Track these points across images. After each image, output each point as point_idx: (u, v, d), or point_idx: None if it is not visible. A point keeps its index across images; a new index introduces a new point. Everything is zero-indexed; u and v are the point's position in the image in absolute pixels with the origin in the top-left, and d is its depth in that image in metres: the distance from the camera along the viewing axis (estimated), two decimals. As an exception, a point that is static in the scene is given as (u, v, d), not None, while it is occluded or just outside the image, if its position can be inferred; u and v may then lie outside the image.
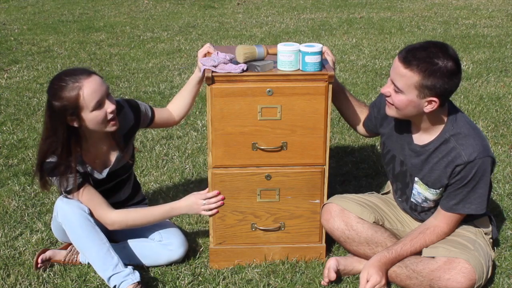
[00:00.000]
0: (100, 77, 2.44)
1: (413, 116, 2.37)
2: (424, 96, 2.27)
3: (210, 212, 2.62)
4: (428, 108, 2.30)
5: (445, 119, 2.39)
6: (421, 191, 2.50)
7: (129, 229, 2.77)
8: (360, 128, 2.81)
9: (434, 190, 2.45)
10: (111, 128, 2.46)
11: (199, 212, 2.63)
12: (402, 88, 2.27)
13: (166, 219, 2.71)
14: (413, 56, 2.24)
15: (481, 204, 2.39)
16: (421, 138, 2.45)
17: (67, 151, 2.44)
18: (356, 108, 2.77)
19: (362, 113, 2.78)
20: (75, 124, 2.42)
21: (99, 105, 2.39)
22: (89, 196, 2.54)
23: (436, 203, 2.50)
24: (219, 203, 2.61)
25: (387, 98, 2.38)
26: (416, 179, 2.49)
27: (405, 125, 2.50)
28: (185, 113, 2.83)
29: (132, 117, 2.65)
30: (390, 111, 2.41)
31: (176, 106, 2.81)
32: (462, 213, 2.43)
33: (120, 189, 2.76)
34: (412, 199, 2.57)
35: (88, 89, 2.35)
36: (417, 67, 2.22)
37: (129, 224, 2.62)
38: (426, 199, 2.51)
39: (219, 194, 2.60)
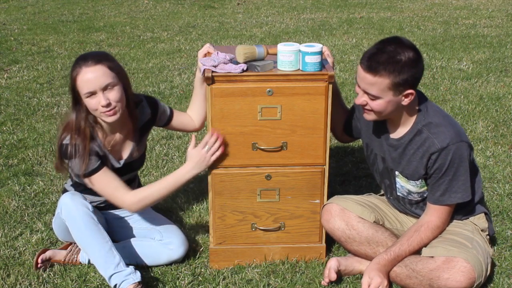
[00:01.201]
0: (107, 68, 2.44)
1: (393, 113, 2.40)
2: (400, 93, 2.32)
3: (217, 154, 2.52)
4: (406, 102, 2.36)
5: (417, 110, 2.44)
6: (403, 184, 2.53)
7: (129, 228, 2.78)
8: (340, 132, 2.83)
9: (414, 182, 2.48)
10: (106, 118, 2.48)
11: (208, 162, 2.52)
12: (377, 94, 2.32)
13: (181, 186, 2.61)
14: (376, 62, 2.28)
15: (466, 191, 2.43)
16: (397, 132, 2.49)
17: (80, 128, 2.48)
18: (342, 112, 2.79)
19: (344, 118, 2.80)
20: (80, 100, 2.48)
21: (90, 94, 2.43)
22: (107, 180, 2.54)
23: (422, 196, 2.53)
24: (220, 141, 2.51)
25: (364, 107, 2.41)
26: (396, 173, 2.53)
27: (381, 123, 2.53)
28: (203, 117, 2.81)
29: (149, 112, 2.70)
30: (370, 117, 2.44)
31: (193, 112, 2.83)
32: (449, 203, 2.45)
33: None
34: (399, 193, 2.59)
35: (82, 78, 2.42)
36: (384, 71, 2.27)
37: (147, 202, 2.58)
38: (410, 192, 2.54)
39: (213, 133, 2.51)
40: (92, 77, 2.41)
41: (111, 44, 6.88)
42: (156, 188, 2.59)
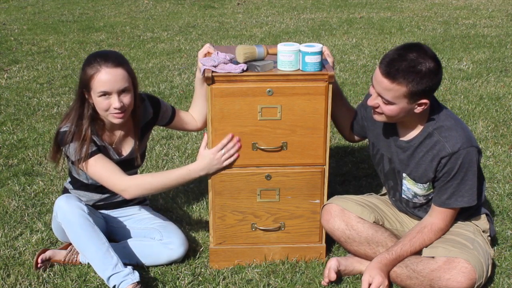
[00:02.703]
0: (126, 72, 2.48)
1: (403, 118, 2.40)
2: (414, 101, 2.31)
3: (232, 159, 2.52)
4: (419, 110, 2.35)
5: (428, 113, 2.43)
6: (410, 187, 2.52)
7: (129, 228, 2.77)
8: (348, 132, 2.82)
9: (422, 184, 2.47)
10: (112, 119, 2.50)
11: (220, 165, 2.52)
12: (392, 100, 2.30)
13: (184, 183, 2.61)
14: (395, 69, 2.25)
15: (472, 196, 2.42)
16: (406, 134, 2.48)
17: (80, 119, 2.50)
18: (347, 112, 2.78)
19: (351, 118, 2.79)
20: (87, 97, 2.50)
21: (105, 95, 2.45)
22: (103, 163, 2.53)
23: (427, 198, 2.52)
24: (237, 146, 2.52)
25: (375, 109, 2.40)
26: (404, 175, 2.51)
27: (390, 123, 2.52)
28: (205, 116, 2.79)
29: (151, 112, 2.72)
30: (379, 118, 2.43)
31: (195, 111, 2.84)
32: (455, 207, 2.44)
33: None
34: (403, 196, 2.58)
35: (101, 77, 2.43)
36: (403, 79, 2.24)
37: (145, 188, 2.54)
38: (415, 195, 2.53)
39: (232, 136, 2.51)
40: (111, 78, 2.43)
41: (111, 44, 6.88)
42: (159, 179, 2.56)
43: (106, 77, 2.42)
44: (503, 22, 7.94)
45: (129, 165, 2.69)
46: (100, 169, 2.52)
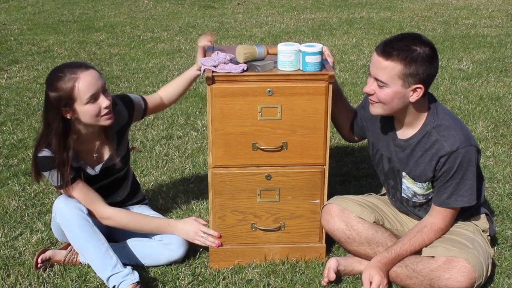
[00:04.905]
0: (98, 72, 2.46)
1: (399, 109, 2.38)
2: (409, 85, 2.30)
3: (206, 243, 2.67)
4: (414, 97, 2.33)
5: (426, 111, 2.42)
6: (409, 186, 2.52)
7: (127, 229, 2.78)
8: (347, 132, 2.82)
9: (421, 184, 2.47)
10: (105, 122, 2.48)
11: (193, 240, 2.67)
12: (386, 81, 2.30)
13: (159, 232, 2.70)
14: (391, 47, 2.28)
15: (472, 195, 2.42)
16: (405, 133, 2.48)
17: (63, 144, 2.45)
18: (347, 112, 2.78)
19: (351, 118, 2.79)
20: (68, 116, 2.44)
21: (93, 99, 2.41)
22: (84, 191, 2.55)
23: (426, 198, 2.52)
24: (213, 244, 2.66)
25: (371, 97, 2.39)
26: (403, 173, 2.51)
27: (388, 122, 2.52)
28: (176, 100, 2.88)
29: (126, 114, 2.68)
30: (376, 110, 2.41)
31: (169, 94, 2.84)
32: (455, 206, 2.44)
33: (118, 188, 2.77)
34: (403, 195, 2.58)
35: (83, 82, 2.38)
36: (397, 56, 2.26)
37: (123, 224, 2.63)
38: (415, 194, 2.53)
39: (220, 237, 2.66)
40: (93, 79, 2.41)
41: (111, 44, 6.88)
42: (139, 220, 2.65)
43: (88, 80, 2.38)
44: (503, 22, 7.94)
45: (110, 173, 2.67)
46: (84, 195, 2.55)
